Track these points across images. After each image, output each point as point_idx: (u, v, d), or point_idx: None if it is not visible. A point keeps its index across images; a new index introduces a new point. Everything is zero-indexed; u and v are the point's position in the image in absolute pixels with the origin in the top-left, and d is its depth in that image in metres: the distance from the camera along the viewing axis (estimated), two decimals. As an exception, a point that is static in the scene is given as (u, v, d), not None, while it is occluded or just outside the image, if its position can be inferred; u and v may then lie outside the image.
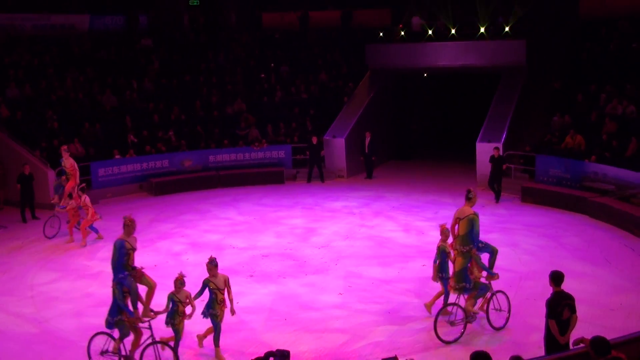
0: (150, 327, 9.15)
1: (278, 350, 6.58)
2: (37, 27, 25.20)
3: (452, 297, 10.43)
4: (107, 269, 13.39)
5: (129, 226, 9.54)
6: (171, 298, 9.35)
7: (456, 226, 10.15)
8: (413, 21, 25.12)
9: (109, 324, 9.25)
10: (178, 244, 15.19)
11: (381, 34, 25.78)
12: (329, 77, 25.69)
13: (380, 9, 27.94)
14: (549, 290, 8.08)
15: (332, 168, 22.32)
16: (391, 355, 6.94)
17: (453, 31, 23.77)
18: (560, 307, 7.78)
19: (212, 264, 9.48)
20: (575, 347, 7.05)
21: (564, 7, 24.30)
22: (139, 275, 9.49)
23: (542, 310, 8.06)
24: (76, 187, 15.51)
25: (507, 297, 10.29)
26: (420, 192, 19.75)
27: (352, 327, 10.47)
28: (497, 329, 10.09)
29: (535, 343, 9.29)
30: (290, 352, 7.42)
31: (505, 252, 13.85)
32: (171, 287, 9.58)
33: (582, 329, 8.29)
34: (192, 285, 12.47)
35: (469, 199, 10.18)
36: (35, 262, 14.15)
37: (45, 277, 13.26)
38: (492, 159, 18.46)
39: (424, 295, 11.67)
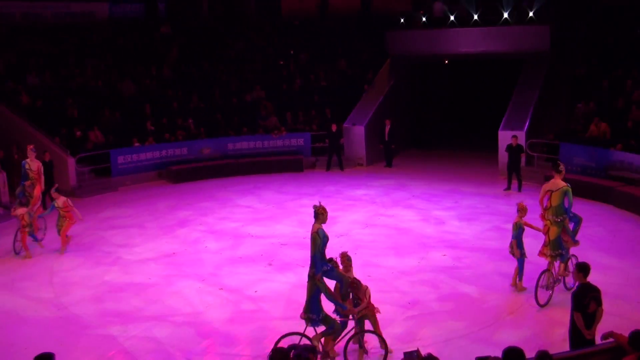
0: (354, 318, 8.86)
1: (304, 345, 6.35)
2: (57, 15, 25.27)
3: (544, 264, 10.81)
4: (126, 256, 13.56)
5: (323, 214, 8.98)
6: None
7: (545, 198, 10.68)
8: (435, 6, 24.72)
9: (314, 322, 8.63)
10: (196, 232, 15.15)
11: (402, 20, 25.42)
12: (349, 65, 25.42)
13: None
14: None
15: (351, 156, 22.12)
16: (412, 348, 6.76)
17: (475, 16, 23.35)
18: (587, 300, 7.55)
19: (348, 260, 9.19)
20: (603, 341, 6.82)
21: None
22: (337, 266, 9.05)
23: (567, 303, 7.84)
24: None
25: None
26: (440, 181, 19.49)
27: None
28: (570, 289, 10.39)
29: (560, 336, 9.08)
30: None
31: (529, 243, 13.60)
32: (189, 275, 9.52)
33: (609, 323, 8.05)
34: (210, 273, 12.42)
35: (559, 172, 10.66)
36: (56, 249, 14.19)
37: (66, 264, 13.30)
38: (510, 148, 18.15)
39: (444, 287, 11.51)
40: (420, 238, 14.27)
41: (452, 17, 23.91)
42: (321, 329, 8.78)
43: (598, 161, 17.43)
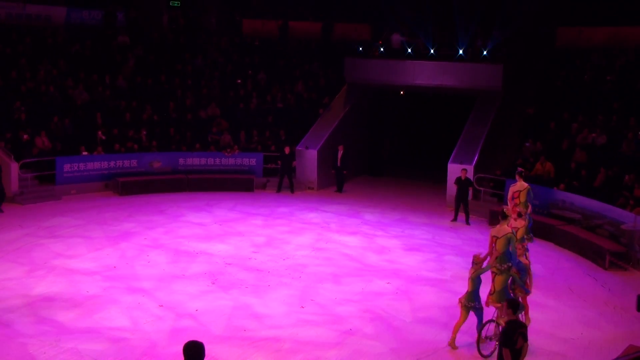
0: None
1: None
2: (12, 15, 24.65)
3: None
4: (64, 266, 13.16)
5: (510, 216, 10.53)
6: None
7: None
8: (393, 38, 25.17)
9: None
10: (140, 245, 14.85)
11: (360, 49, 25.79)
12: (306, 88, 25.57)
13: (360, 24, 27.96)
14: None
15: (302, 179, 22.15)
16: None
17: (432, 51, 23.88)
18: (515, 336, 7.74)
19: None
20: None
21: (541, 35, 24.64)
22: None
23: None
24: None
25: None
26: (389, 209, 19.66)
27: (311, 343, 10.28)
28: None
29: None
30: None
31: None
32: (129, 289, 9.29)
33: (542, 358, 8.24)
34: (151, 288, 12.19)
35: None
36: (-10, 256, 13.70)
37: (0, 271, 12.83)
38: (459, 181, 18.52)
39: (383, 315, 11.56)
40: (365, 265, 14.34)
41: (409, 50, 24.38)
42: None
43: (541, 199, 17.92)
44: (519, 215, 13.01)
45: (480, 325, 10.01)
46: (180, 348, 9.66)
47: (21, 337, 10.00)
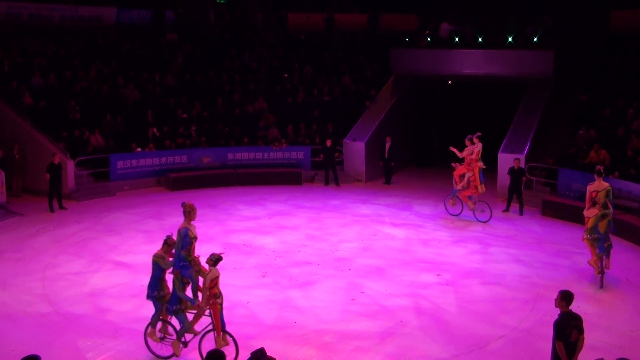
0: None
1: (252, 353, 6.45)
2: (65, 17, 25.37)
3: None
4: (126, 258, 13.56)
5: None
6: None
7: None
8: (442, 27, 24.84)
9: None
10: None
11: (407, 39, 25.55)
12: (352, 81, 25.51)
13: (406, 14, 27.69)
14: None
15: (350, 172, 22.13)
16: None
17: (480, 39, 23.47)
18: (569, 329, 7.48)
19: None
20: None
21: (594, 19, 23.89)
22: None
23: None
24: None
25: None
26: (438, 200, 19.45)
27: (361, 336, 10.29)
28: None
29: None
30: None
31: (523, 267, 13.61)
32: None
33: (601, 352, 8.04)
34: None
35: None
36: (50, 250, 14.18)
37: (59, 265, 13.29)
38: (512, 171, 18.17)
39: (434, 308, 11.47)
40: (416, 257, 14.24)
41: (457, 39, 24.03)
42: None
43: (596, 188, 17.40)
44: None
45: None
46: (237, 338, 9.86)
47: (81, 329, 10.33)
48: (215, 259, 9.10)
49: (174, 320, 9.50)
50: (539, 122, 21.02)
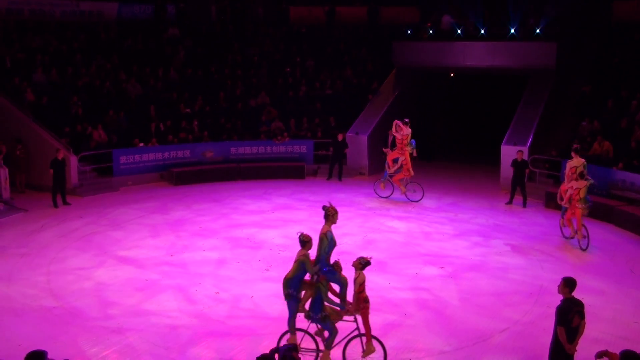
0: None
1: (284, 346, 6.44)
2: (66, 13, 25.33)
3: None
4: (130, 253, 13.59)
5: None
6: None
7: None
8: (443, 19, 24.77)
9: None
10: (195, 234, 15.13)
11: (409, 32, 25.49)
12: (354, 74, 25.47)
13: (407, 7, 27.61)
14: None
15: (353, 165, 22.12)
16: (406, 359, 6.75)
17: (482, 31, 23.40)
18: (571, 314, 7.59)
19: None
20: (598, 359, 6.81)
21: (596, 10, 23.80)
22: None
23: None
24: None
25: None
26: (442, 193, 19.48)
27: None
28: None
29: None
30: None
31: (527, 259, 13.61)
32: (187, 275, 9.47)
33: (605, 343, 8.05)
34: (207, 274, 12.44)
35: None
36: (55, 245, 14.22)
37: (64, 259, 13.33)
38: (515, 163, 18.14)
39: (437, 301, 11.48)
40: (419, 250, 14.25)
41: (459, 31, 23.96)
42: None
43: (600, 180, 17.39)
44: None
45: None
46: (239, 332, 9.91)
47: (86, 323, 10.37)
48: (364, 263, 8.85)
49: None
50: (542, 114, 20.99)
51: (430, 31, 24.91)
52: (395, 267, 13.15)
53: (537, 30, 22.56)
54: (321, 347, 9.00)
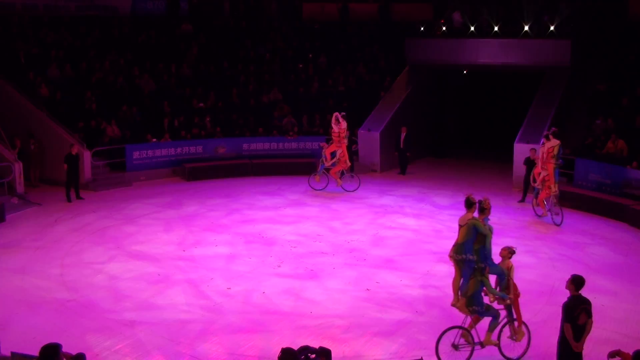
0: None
1: (320, 348, 6.41)
2: (81, 8, 25.47)
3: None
4: (144, 247, 13.69)
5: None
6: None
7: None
8: (454, 16, 24.67)
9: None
10: (207, 230, 15.19)
11: (422, 29, 25.40)
12: (367, 70, 25.43)
13: (420, 3, 27.53)
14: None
15: (365, 162, 22.11)
16: (417, 357, 6.75)
17: (496, 28, 23.28)
18: (577, 311, 7.61)
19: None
20: (610, 359, 6.78)
21: (612, 7, 23.60)
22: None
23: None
24: None
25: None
26: (454, 190, 19.38)
27: (376, 326, 10.32)
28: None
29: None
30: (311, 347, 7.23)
31: (539, 258, 13.55)
32: (199, 270, 9.50)
33: (617, 343, 8.02)
34: (219, 269, 12.48)
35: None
36: (69, 239, 14.34)
37: (77, 253, 13.44)
38: (527, 161, 18.04)
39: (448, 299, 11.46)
40: (432, 248, 14.22)
41: (472, 28, 23.84)
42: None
43: (613, 178, 17.30)
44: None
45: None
46: (250, 328, 9.95)
47: (99, 316, 10.45)
48: (512, 252, 9.13)
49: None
50: (556, 112, 20.85)
51: (444, 28, 24.81)
52: (406, 264, 13.14)
53: (552, 28, 22.40)
54: (480, 338, 9.14)
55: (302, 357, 6.14)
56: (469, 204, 9.08)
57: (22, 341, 9.34)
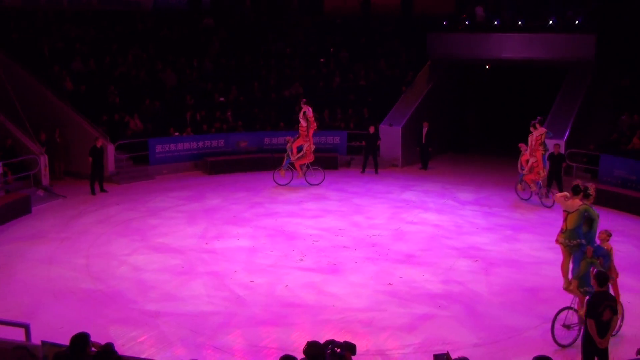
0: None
1: (345, 342, 6.41)
2: (104, 2, 25.69)
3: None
4: (167, 240, 13.80)
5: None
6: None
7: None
8: (477, 11, 24.48)
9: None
10: (230, 223, 15.27)
11: (444, 23, 25.23)
12: (388, 65, 25.34)
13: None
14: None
15: (386, 157, 22.05)
16: (442, 351, 6.74)
17: (520, 22, 23.05)
18: (602, 308, 7.59)
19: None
20: (638, 356, 6.73)
21: (636, 1, 23.26)
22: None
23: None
24: None
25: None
26: (476, 186, 19.30)
27: (398, 320, 10.32)
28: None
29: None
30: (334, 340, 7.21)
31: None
32: (222, 264, 9.49)
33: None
34: (242, 262, 12.55)
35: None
36: (94, 230, 14.52)
37: (103, 245, 13.60)
38: (552, 156, 17.88)
39: (471, 295, 11.42)
40: (454, 243, 14.16)
41: (495, 22, 23.64)
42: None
43: (639, 174, 17.08)
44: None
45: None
46: (272, 321, 10.00)
47: (124, 308, 10.58)
48: (609, 235, 9.62)
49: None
50: (580, 108, 20.64)
51: (466, 22, 24.62)
52: (428, 259, 13.11)
53: (576, 22, 22.15)
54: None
55: (328, 350, 6.15)
56: (577, 191, 9.55)
57: (48, 330, 9.48)
